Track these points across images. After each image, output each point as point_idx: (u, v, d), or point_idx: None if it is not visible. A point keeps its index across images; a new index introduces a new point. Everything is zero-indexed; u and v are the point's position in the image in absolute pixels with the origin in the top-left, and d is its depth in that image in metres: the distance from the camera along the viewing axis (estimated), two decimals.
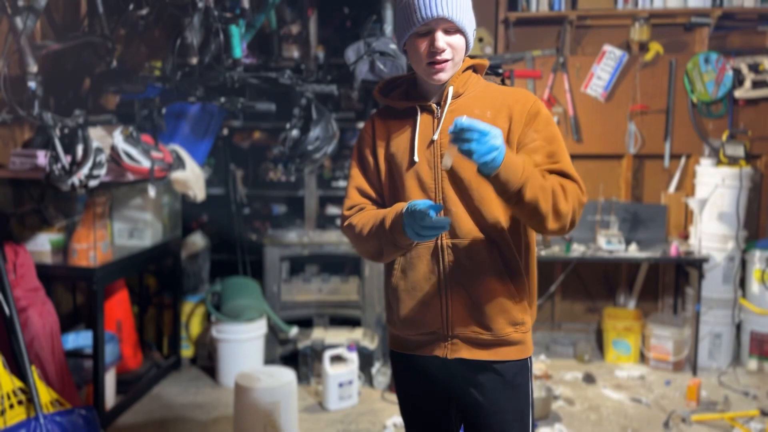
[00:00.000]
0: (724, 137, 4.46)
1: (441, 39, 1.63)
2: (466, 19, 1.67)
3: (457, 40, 1.66)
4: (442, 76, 1.67)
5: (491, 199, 1.66)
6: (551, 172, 1.64)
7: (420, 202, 1.56)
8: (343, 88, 4.25)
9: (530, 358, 1.78)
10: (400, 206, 1.63)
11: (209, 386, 4.02)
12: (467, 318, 1.70)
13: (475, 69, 1.77)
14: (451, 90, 1.72)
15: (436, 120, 1.72)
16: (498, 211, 1.68)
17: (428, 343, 1.76)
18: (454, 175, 1.68)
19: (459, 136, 1.47)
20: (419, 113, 1.74)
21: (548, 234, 1.64)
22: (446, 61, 1.65)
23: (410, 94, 1.80)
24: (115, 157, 3.19)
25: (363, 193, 1.83)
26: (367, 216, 1.76)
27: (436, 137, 1.71)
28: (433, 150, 1.70)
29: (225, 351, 3.99)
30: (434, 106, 1.73)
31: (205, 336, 4.28)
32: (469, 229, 1.68)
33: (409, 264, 1.74)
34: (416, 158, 1.71)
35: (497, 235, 1.68)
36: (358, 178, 1.85)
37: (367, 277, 4.14)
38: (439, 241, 1.69)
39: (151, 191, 3.41)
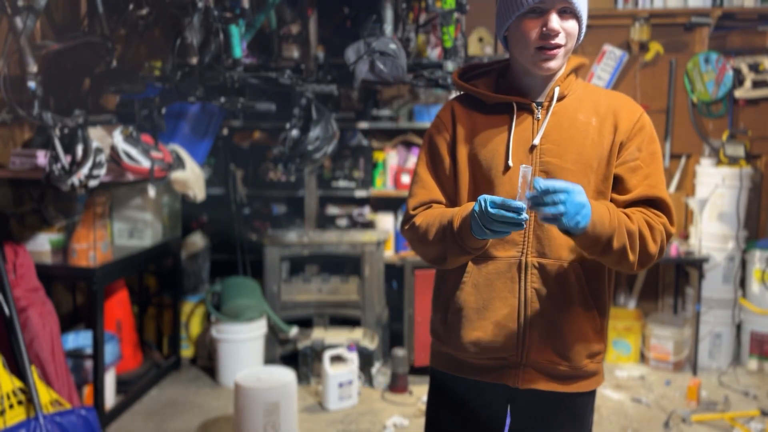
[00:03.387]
0: (724, 137, 4.46)
1: (556, 20, 1.45)
2: (583, 2, 1.49)
3: (572, 25, 1.48)
4: (552, 65, 1.49)
5: None
6: (644, 199, 1.52)
7: (496, 197, 1.37)
8: (343, 88, 4.25)
9: None
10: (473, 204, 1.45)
11: (209, 386, 4.02)
12: (545, 346, 1.53)
13: (576, 70, 1.61)
14: (557, 90, 1.54)
15: (536, 122, 1.54)
16: None
17: (496, 369, 1.58)
18: None
19: (542, 200, 1.33)
20: (515, 111, 1.55)
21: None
22: (559, 47, 1.48)
23: (501, 87, 1.60)
24: (115, 157, 3.19)
25: (431, 197, 1.63)
26: (433, 215, 1.56)
27: (537, 142, 1.52)
28: (533, 157, 1.52)
29: (225, 351, 3.99)
30: (534, 105, 1.55)
31: (205, 336, 4.28)
32: (559, 247, 1.51)
33: (485, 280, 1.55)
34: (511, 163, 1.51)
35: (585, 256, 1.52)
36: (427, 178, 1.63)
37: (367, 277, 4.14)
38: (523, 259, 1.52)
39: (151, 191, 3.41)
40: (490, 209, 1.35)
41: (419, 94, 4.53)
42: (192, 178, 3.86)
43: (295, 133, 3.52)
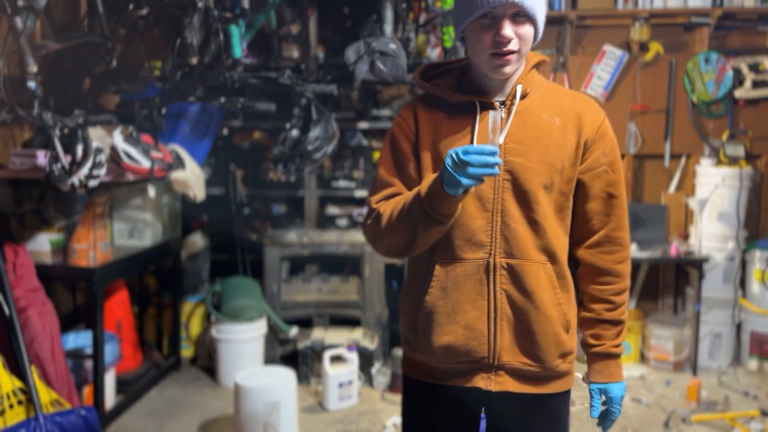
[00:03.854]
0: (724, 137, 4.46)
1: (508, 27, 1.43)
2: (539, 5, 1.46)
3: (526, 30, 1.46)
4: (507, 70, 1.48)
5: (552, 215, 1.54)
6: (605, 239, 1.58)
7: (467, 146, 1.37)
8: (343, 88, 4.25)
9: None
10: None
11: (209, 386, 4.02)
12: (517, 347, 1.53)
13: (537, 66, 1.60)
14: (519, 89, 1.53)
15: (499, 120, 1.52)
16: (557, 229, 1.55)
17: (467, 372, 1.57)
18: (517, 186, 1.51)
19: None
20: (479, 111, 1.53)
21: None
22: (512, 53, 1.46)
23: (463, 86, 1.58)
24: (115, 157, 3.19)
25: (395, 192, 1.59)
26: (396, 200, 1.54)
27: (501, 141, 1.50)
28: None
29: (225, 351, 3.99)
30: (497, 104, 1.53)
31: (205, 336, 4.28)
32: (527, 248, 1.51)
33: (453, 283, 1.53)
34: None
35: (553, 256, 1.54)
36: (390, 178, 1.60)
37: (367, 277, 4.14)
38: (491, 260, 1.51)
39: (151, 191, 3.41)
40: (463, 156, 1.35)
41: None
42: (192, 178, 3.86)
43: (295, 133, 3.52)
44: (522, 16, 1.45)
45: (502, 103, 1.54)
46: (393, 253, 1.57)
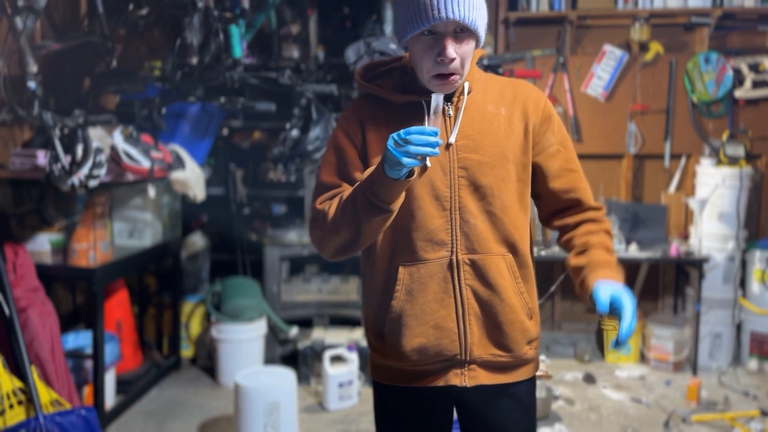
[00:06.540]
0: (725, 137, 4.46)
1: (451, 47, 1.42)
2: (480, 18, 1.45)
3: (468, 48, 1.45)
4: (449, 89, 1.49)
5: (512, 206, 1.55)
6: (569, 200, 1.60)
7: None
8: (343, 88, 4.25)
9: None
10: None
11: (209, 386, 4.02)
12: (486, 340, 1.56)
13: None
14: (466, 86, 1.53)
15: (448, 119, 1.52)
16: (517, 220, 1.55)
17: (440, 371, 1.57)
18: (473, 182, 1.51)
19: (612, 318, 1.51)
20: (426, 111, 1.50)
21: None
22: (455, 74, 1.46)
23: (407, 85, 1.56)
24: (115, 157, 3.19)
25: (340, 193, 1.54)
26: (339, 196, 1.50)
27: (453, 140, 1.51)
28: (450, 155, 1.51)
29: (225, 351, 3.99)
30: (444, 103, 1.52)
31: (205, 336, 4.28)
32: (487, 242, 1.53)
33: (418, 284, 1.53)
34: (428, 163, 1.46)
35: (513, 246, 1.55)
36: (334, 179, 1.56)
37: None
38: (454, 257, 1.52)
39: (151, 191, 3.41)
40: (404, 135, 1.33)
41: None
42: (192, 178, 3.86)
43: (295, 133, 3.52)
44: (464, 32, 1.44)
45: (449, 100, 1.54)
46: (341, 251, 1.53)
